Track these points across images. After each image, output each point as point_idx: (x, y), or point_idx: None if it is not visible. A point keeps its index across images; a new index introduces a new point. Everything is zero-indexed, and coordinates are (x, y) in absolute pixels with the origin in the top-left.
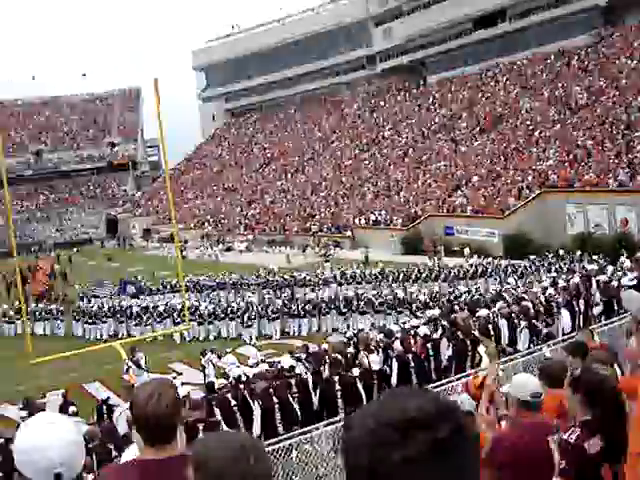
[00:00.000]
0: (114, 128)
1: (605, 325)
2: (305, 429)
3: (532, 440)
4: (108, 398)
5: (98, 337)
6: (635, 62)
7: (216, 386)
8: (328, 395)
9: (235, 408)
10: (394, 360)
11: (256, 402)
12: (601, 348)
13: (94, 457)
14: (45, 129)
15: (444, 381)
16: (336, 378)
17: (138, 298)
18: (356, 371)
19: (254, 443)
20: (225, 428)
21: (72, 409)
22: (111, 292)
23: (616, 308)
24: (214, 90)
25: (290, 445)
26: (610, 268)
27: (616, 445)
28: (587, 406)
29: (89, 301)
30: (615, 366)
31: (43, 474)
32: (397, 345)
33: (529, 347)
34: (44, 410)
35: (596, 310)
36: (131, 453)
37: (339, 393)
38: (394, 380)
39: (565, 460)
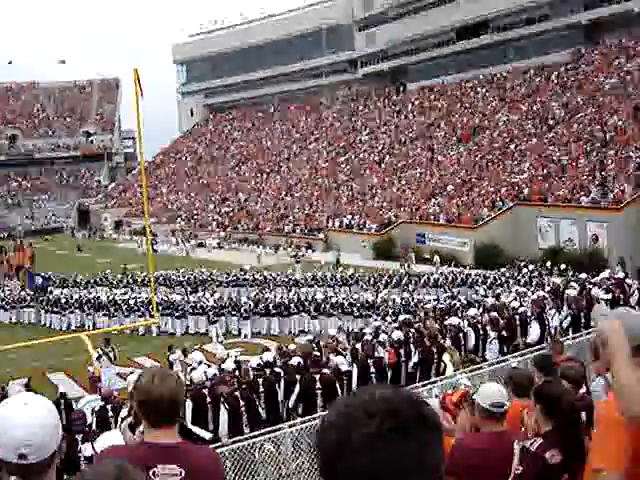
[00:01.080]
0: (91, 117)
1: (573, 338)
2: (269, 429)
3: (490, 447)
4: (64, 394)
5: (64, 327)
6: (613, 80)
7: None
8: (308, 393)
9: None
10: (354, 364)
11: (222, 406)
12: (569, 361)
13: None
14: (21, 115)
15: (409, 387)
16: (317, 376)
17: (46, 291)
18: (327, 371)
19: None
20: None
21: None
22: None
23: (583, 322)
24: (194, 85)
25: (254, 444)
26: (582, 278)
27: (574, 457)
28: (547, 417)
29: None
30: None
31: (10, 452)
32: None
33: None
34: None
35: (565, 323)
36: (107, 441)
37: (319, 391)
38: (354, 384)
39: (524, 467)
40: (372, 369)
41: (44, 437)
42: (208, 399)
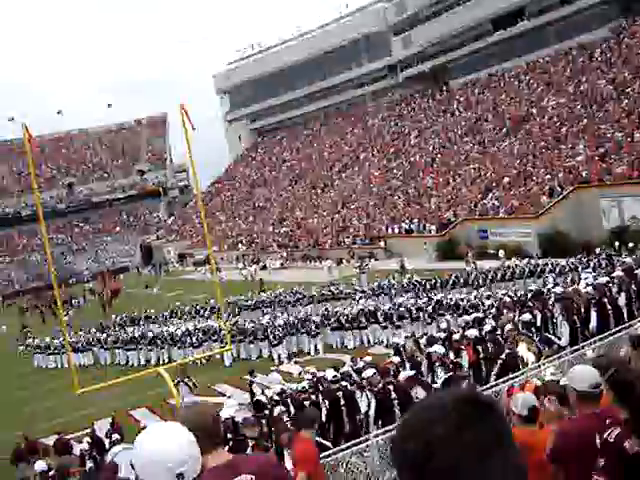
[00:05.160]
0: (142, 156)
1: None
2: (354, 441)
3: (594, 429)
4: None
5: (142, 363)
6: None
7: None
8: (385, 405)
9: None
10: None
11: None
12: None
13: None
14: (75, 162)
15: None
16: (391, 387)
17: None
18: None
19: None
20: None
21: (115, 436)
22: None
23: None
24: (239, 111)
25: (342, 458)
26: None
27: None
28: (620, 404)
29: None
30: None
31: (169, 474)
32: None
33: (571, 344)
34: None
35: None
36: None
37: (395, 402)
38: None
39: (604, 458)
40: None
41: (194, 454)
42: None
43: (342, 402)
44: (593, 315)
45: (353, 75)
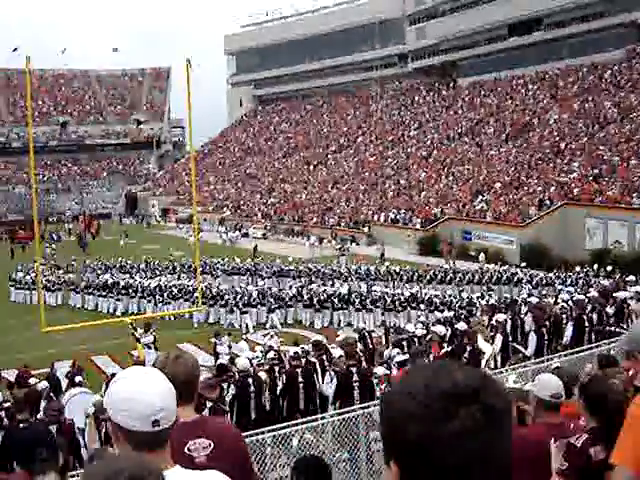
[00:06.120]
0: (141, 105)
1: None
2: (310, 417)
3: (549, 439)
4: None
5: (111, 311)
6: None
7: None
8: (345, 387)
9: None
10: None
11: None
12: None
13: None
14: (72, 101)
15: None
16: (354, 369)
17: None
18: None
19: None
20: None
21: (78, 379)
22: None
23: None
24: (243, 76)
25: (296, 432)
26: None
27: None
28: (592, 414)
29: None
30: None
31: (144, 421)
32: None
33: (536, 354)
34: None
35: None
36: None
37: (356, 385)
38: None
39: (568, 462)
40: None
41: (172, 402)
42: (252, 387)
43: (299, 379)
44: (569, 328)
45: (363, 57)
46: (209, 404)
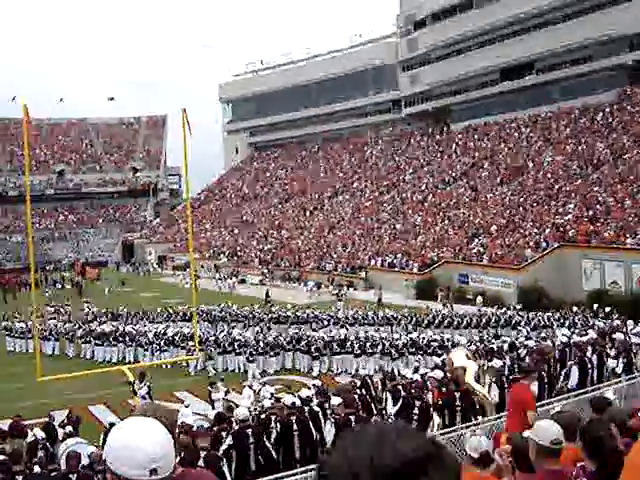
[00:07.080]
0: (137, 153)
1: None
2: (304, 468)
3: None
4: (114, 424)
5: (107, 360)
6: None
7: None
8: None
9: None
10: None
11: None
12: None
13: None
14: (70, 150)
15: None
16: (352, 417)
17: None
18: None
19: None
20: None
21: (68, 429)
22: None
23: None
24: (239, 123)
25: None
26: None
27: None
28: (589, 457)
29: (100, 323)
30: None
31: (141, 470)
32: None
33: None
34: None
35: (617, 368)
36: None
37: None
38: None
39: None
40: (416, 410)
41: (170, 451)
42: (251, 439)
43: (294, 428)
44: (574, 372)
45: (357, 104)
46: (203, 453)
